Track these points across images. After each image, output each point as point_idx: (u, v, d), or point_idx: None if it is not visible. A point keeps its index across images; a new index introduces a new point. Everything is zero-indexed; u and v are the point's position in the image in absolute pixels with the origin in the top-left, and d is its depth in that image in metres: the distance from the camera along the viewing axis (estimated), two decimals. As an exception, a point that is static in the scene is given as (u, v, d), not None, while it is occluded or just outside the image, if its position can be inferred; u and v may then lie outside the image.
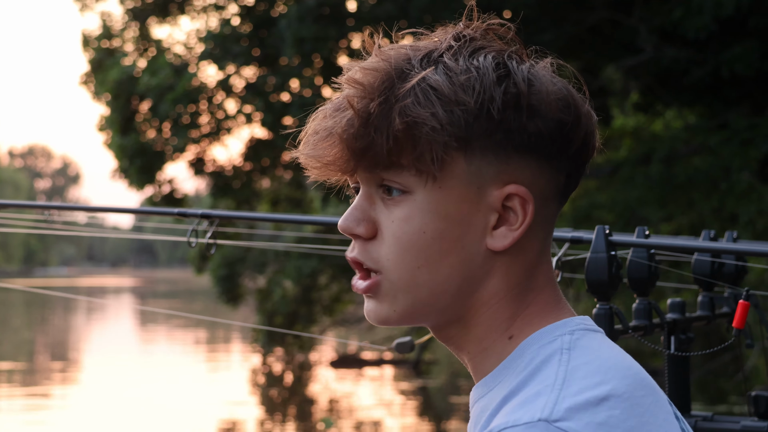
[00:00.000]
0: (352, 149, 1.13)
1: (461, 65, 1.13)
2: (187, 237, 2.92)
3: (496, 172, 1.13)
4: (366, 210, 1.16)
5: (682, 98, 14.30)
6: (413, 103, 1.11)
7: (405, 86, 1.12)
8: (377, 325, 1.19)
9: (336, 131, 1.14)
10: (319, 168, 1.17)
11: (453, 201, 1.13)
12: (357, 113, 1.12)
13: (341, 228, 1.17)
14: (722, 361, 14.37)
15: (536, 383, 1.09)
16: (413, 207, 1.13)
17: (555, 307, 1.18)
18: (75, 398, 16.60)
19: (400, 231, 1.14)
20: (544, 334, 1.14)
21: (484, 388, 1.17)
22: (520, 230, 1.14)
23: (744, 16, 11.83)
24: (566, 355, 1.10)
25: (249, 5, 16.21)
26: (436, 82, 1.11)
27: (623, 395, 1.07)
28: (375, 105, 1.12)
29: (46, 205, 3.60)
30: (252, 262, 19.39)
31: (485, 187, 1.13)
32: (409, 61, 1.14)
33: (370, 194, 1.17)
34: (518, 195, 1.14)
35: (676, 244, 2.79)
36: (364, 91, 1.13)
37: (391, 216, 1.15)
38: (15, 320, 37.20)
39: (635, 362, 1.13)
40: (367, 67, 1.15)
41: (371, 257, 1.16)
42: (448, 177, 1.13)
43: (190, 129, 16.35)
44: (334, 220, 3.16)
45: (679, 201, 12.48)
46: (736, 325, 2.34)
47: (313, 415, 15.15)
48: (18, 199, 74.90)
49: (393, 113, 1.11)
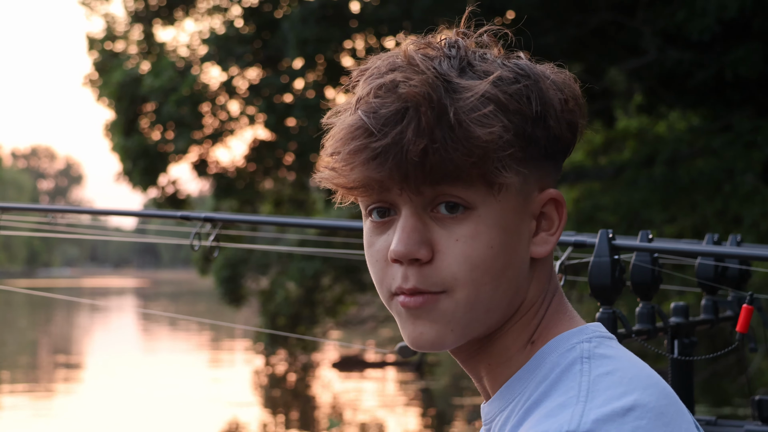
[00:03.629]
0: (422, 165, 1.07)
1: (504, 75, 1.11)
2: (190, 240, 2.92)
3: (536, 179, 1.14)
4: (422, 232, 1.10)
5: (686, 100, 14.28)
6: (484, 115, 1.08)
7: (467, 97, 1.08)
8: (428, 351, 1.13)
9: (403, 147, 1.06)
10: (367, 191, 1.11)
11: (509, 212, 1.12)
12: (427, 125, 1.06)
13: (400, 255, 1.09)
14: (726, 363, 14.34)
15: (559, 394, 1.08)
16: (479, 223, 1.10)
17: (565, 311, 1.17)
18: (78, 399, 16.59)
19: (469, 249, 1.10)
20: (561, 341, 1.13)
21: (502, 401, 1.14)
22: (558, 234, 1.15)
23: (748, 18, 11.82)
24: (587, 365, 1.09)
25: (252, 7, 16.22)
26: (490, 93, 1.09)
27: (648, 405, 1.06)
28: (434, 118, 1.07)
29: (50, 209, 3.60)
30: (255, 263, 19.39)
31: (529, 194, 1.14)
32: (444, 72, 1.10)
33: (420, 215, 1.11)
34: (555, 199, 1.15)
35: (679, 248, 2.78)
36: (423, 106, 1.07)
37: (453, 235, 1.10)
38: (18, 321, 37.21)
39: (653, 371, 1.13)
40: (414, 81, 1.08)
41: (433, 282, 1.10)
42: (506, 189, 1.11)
43: (194, 131, 16.36)
44: (337, 223, 3.15)
45: (682, 203, 12.46)
46: (740, 330, 2.34)
47: (316, 416, 15.14)
48: (21, 199, 74.49)
49: (470, 126, 1.07)
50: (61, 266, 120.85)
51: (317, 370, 20.16)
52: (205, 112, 16.47)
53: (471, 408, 15.10)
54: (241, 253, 18.45)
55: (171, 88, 15.72)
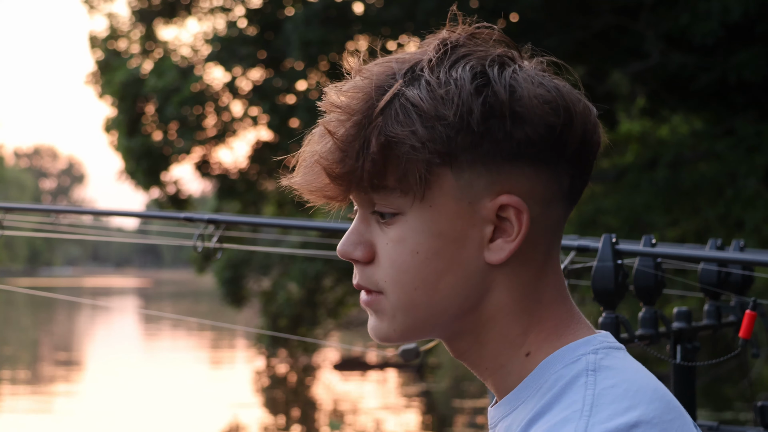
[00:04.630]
0: (334, 176, 1.11)
1: (441, 78, 1.09)
2: (193, 242, 2.92)
3: (487, 184, 1.09)
4: (362, 233, 1.14)
5: (689, 104, 14.28)
6: (392, 122, 1.08)
7: (381, 105, 1.08)
8: (379, 342, 1.17)
9: (318, 159, 1.11)
10: (312, 195, 1.15)
11: (445, 218, 1.10)
12: (334, 139, 1.10)
13: (339, 253, 1.15)
14: (727, 368, 14.33)
15: (562, 407, 1.07)
16: (405, 228, 1.11)
17: (571, 322, 1.14)
18: (79, 399, 16.60)
19: (394, 253, 1.11)
20: (566, 352, 1.11)
21: (506, 407, 1.14)
22: (517, 241, 1.10)
23: (751, 22, 11.82)
24: (592, 378, 1.08)
25: (255, 7, 16.22)
26: (414, 98, 1.08)
27: (652, 420, 1.04)
28: (352, 128, 1.09)
29: (52, 209, 3.60)
30: (257, 264, 19.40)
31: (478, 200, 1.10)
32: (393, 76, 1.11)
33: (366, 216, 1.14)
34: (511, 205, 1.10)
35: (682, 254, 2.78)
36: (342, 114, 1.10)
37: (385, 238, 1.12)
38: (20, 320, 37.23)
39: (660, 383, 1.11)
40: (347, 88, 1.12)
41: (371, 281, 1.14)
42: (437, 194, 1.09)
43: (196, 131, 16.36)
44: (339, 226, 3.15)
45: (684, 207, 12.46)
46: (743, 335, 2.33)
47: (317, 417, 15.14)
48: (23, 199, 74.55)
49: (370, 135, 1.08)
50: (62, 265, 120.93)
51: (318, 371, 20.16)
52: (208, 113, 16.48)
53: (471, 411, 15.09)
54: (243, 254, 18.46)
55: (174, 88, 15.73)
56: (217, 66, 16.29)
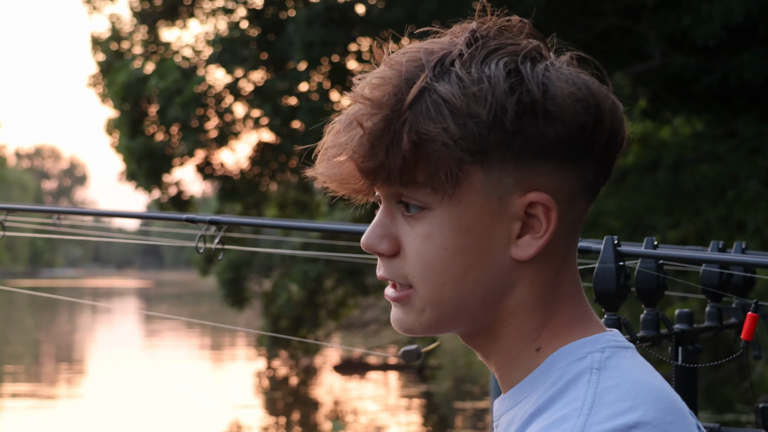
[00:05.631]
0: (363, 169, 1.10)
1: (473, 74, 1.08)
2: (195, 243, 2.92)
3: (516, 181, 1.09)
4: (388, 226, 1.13)
5: (691, 105, 14.28)
6: (423, 117, 1.07)
7: (409, 99, 1.07)
8: (402, 333, 1.17)
9: (347, 151, 1.10)
10: (337, 186, 1.14)
11: (474, 215, 1.10)
12: (365, 132, 1.09)
13: (364, 245, 1.14)
14: (728, 369, 14.33)
15: (563, 404, 1.06)
16: (433, 224, 1.10)
17: (582, 319, 1.14)
18: (80, 400, 16.61)
19: (422, 249, 1.11)
20: (573, 349, 1.11)
21: (511, 401, 1.14)
22: (545, 238, 1.11)
23: (753, 24, 11.82)
24: (595, 376, 1.07)
25: (257, 9, 16.23)
26: (446, 94, 1.07)
27: (652, 422, 1.04)
28: (381, 121, 1.08)
29: (53, 210, 3.60)
30: (258, 265, 19.41)
31: (506, 196, 1.10)
32: (421, 68, 1.10)
33: (391, 210, 1.13)
34: (540, 202, 1.10)
35: (684, 255, 2.78)
36: (372, 107, 1.09)
37: (412, 233, 1.11)
38: (21, 320, 37.26)
39: (665, 383, 1.10)
40: (375, 80, 1.10)
41: (398, 274, 1.13)
42: (466, 191, 1.09)
43: (198, 132, 16.37)
44: (341, 227, 3.16)
45: (686, 208, 12.47)
46: (745, 337, 2.33)
47: (317, 419, 15.14)
48: (25, 199, 74.63)
49: (401, 130, 1.07)
50: (64, 266, 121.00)
51: (319, 372, 20.17)
52: (210, 114, 16.49)
53: (472, 412, 15.10)
54: (244, 255, 18.46)
55: (176, 89, 15.74)
56: (219, 67, 16.30)
